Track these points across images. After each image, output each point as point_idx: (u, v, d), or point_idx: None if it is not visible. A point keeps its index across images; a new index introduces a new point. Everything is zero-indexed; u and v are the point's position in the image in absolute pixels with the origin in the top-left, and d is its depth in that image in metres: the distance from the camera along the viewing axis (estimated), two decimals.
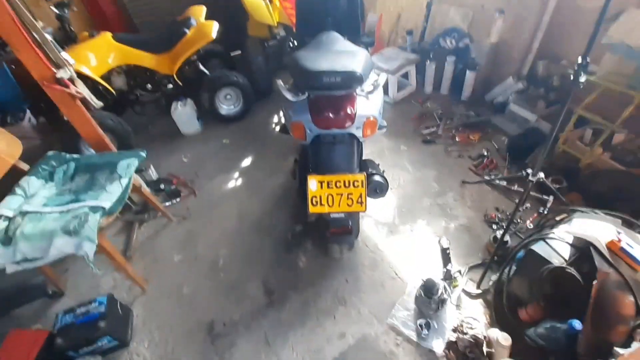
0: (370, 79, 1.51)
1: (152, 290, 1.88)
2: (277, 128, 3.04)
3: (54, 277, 1.85)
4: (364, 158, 1.85)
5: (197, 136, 3.05)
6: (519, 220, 2.04)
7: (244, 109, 3.09)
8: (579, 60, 1.19)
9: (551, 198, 2.11)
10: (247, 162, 2.73)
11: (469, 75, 2.96)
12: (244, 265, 1.95)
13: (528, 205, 2.10)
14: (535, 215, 2.06)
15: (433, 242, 1.97)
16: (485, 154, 2.50)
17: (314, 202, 1.39)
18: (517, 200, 2.11)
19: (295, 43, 2.88)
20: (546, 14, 2.56)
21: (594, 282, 1.24)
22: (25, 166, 1.77)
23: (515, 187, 2.22)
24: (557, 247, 1.45)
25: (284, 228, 2.13)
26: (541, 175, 1.54)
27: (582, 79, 1.21)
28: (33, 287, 1.85)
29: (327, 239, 1.62)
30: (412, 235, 2.03)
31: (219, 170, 2.64)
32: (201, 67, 2.94)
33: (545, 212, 2.05)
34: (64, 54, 1.75)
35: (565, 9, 2.48)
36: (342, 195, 1.39)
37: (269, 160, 2.70)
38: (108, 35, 2.54)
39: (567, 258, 1.39)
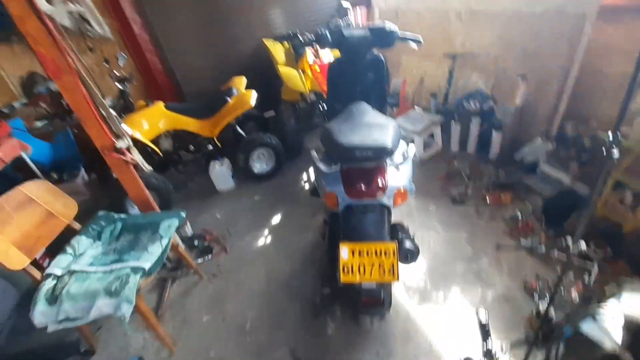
0: (400, 148, 1.58)
1: (180, 352, 1.87)
2: (307, 188, 3.16)
3: (88, 335, 1.90)
4: (393, 221, 1.86)
5: (230, 193, 3.22)
6: (562, 290, 1.90)
7: (275, 168, 3.27)
8: (610, 135, 1.21)
9: (596, 266, 1.97)
10: (276, 219, 2.81)
11: (495, 136, 3.00)
12: (271, 330, 1.91)
13: (571, 274, 1.97)
14: (580, 285, 1.92)
15: (469, 312, 1.86)
16: (520, 216, 2.43)
17: (346, 271, 1.40)
18: (558, 268, 2.00)
19: (325, 107, 3.09)
20: (570, 78, 2.62)
21: None
22: (77, 225, 1.92)
23: (556, 254, 2.10)
24: (608, 327, 1.33)
25: (312, 290, 2.10)
26: (582, 245, 1.48)
27: (616, 154, 1.21)
28: (68, 345, 1.90)
29: (358, 309, 1.58)
30: (446, 304, 1.93)
31: (249, 227, 2.73)
32: (239, 129, 3.20)
33: (590, 283, 1.91)
34: (124, 126, 1.99)
35: (589, 74, 2.53)
36: (373, 264, 1.39)
37: (298, 217, 2.76)
38: (161, 104, 2.87)
39: (619, 341, 1.27)
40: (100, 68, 3.51)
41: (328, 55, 3.52)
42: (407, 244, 1.60)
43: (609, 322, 1.34)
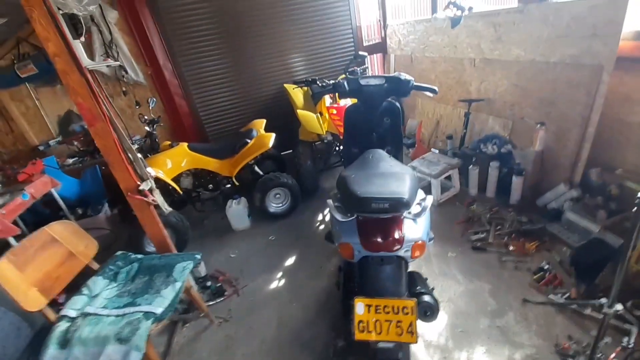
0: (417, 198, 1.57)
1: None
2: (322, 228, 3.13)
3: None
4: (410, 268, 1.79)
5: (246, 232, 3.23)
6: (599, 355, 1.73)
7: (291, 207, 3.28)
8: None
9: (635, 329, 1.80)
10: (290, 261, 2.76)
11: (516, 181, 2.93)
12: None
13: (608, 338, 1.80)
14: (619, 349, 1.74)
15: None
16: (547, 267, 2.30)
17: (361, 328, 1.33)
18: (592, 331, 1.84)
19: (342, 151, 3.13)
20: (590, 126, 2.58)
21: None
22: (95, 265, 1.95)
23: (590, 312, 1.94)
24: None
25: (324, 341, 2.00)
26: (619, 307, 1.37)
27: None
28: None
29: None
30: None
31: (263, 268, 2.69)
32: (257, 169, 3.27)
33: (631, 347, 1.74)
34: (149, 169, 2.07)
35: (610, 122, 2.50)
36: (390, 322, 1.32)
37: (312, 260, 2.71)
38: (184, 145, 3.01)
39: None
40: (132, 110, 3.76)
41: (346, 99, 3.65)
42: (427, 299, 1.53)
43: None
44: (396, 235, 1.36)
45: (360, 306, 1.34)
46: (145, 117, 3.10)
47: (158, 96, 3.81)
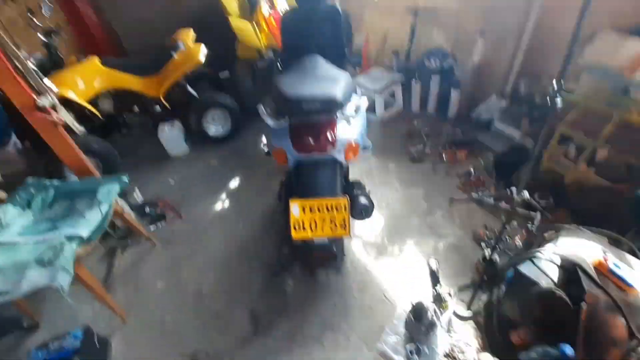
0: (352, 102, 1.52)
1: (133, 320, 1.81)
2: (265, 149, 3.04)
3: (28, 309, 1.78)
4: (351, 179, 1.84)
5: (184, 158, 3.04)
6: (507, 239, 2.02)
7: (232, 130, 3.10)
8: (554, 84, 1.22)
9: (539, 215, 2.10)
10: (234, 183, 2.71)
11: (454, 94, 3.01)
12: (230, 292, 1.89)
13: (515, 222, 2.09)
14: (524, 232, 2.05)
15: (422, 262, 1.94)
16: (472, 171, 2.51)
17: (297, 227, 1.37)
18: (504, 218, 2.11)
19: (280, 62, 2.91)
20: (525, 34, 2.63)
21: (583, 305, 1.22)
22: (2, 194, 1.72)
23: (503, 205, 2.22)
24: (544, 268, 1.43)
25: (271, 252, 2.08)
26: (525, 194, 1.54)
27: (559, 102, 1.24)
28: (7, 321, 1.77)
29: (312, 264, 1.58)
30: (401, 256, 2.00)
31: (206, 193, 2.61)
32: (189, 89, 2.95)
33: (533, 230, 2.05)
34: (47, 81, 1.74)
35: (543, 30, 2.56)
36: (325, 219, 1.37)
37: (257, 181, 2.68)
38: (95, 59, 2.56)
39: (555, 279, 1.37)
40: (25, 21, 3.03)
41: (283, 5, 3.28)
42: (362, 200, 1.59)
43: (545, 263, 1.44)
44: (328, 137, 1.34)
45: (295, 207, 1.36)
46: (39, 24, 2.52)
47: (55, 2, 3.08)
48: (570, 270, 1.36)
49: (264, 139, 3.18)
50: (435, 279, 1.83)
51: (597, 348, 1.19)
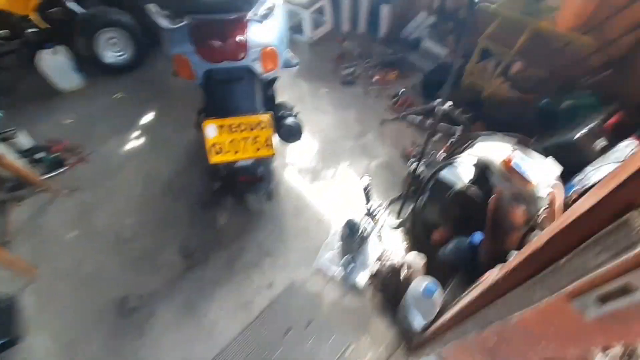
0: (266, 3, 1.30)
1: (45, 274, 1.60)
2: (186, 85, 2.65)
3: None
4: (277, 101, 1.70)
5: (79, 92, 2.52)
6: (431, 152, 2.13)
7: (136, 57, 2.60)
8: None
9: (459, 128, 2.23)
10: (149, 118, 2.37)
11: (384, 10, 2.86)
12: (156, 232, 1.75)
13: (440, 135, 2.19)
14: (446, 146, 2.17)
15: (356, 182, 1.98)
16: (403, 91, 2.52)
17: (216, 151, 1.23)
18: (433, 138, 2.21)
19: None
20: None
21: (491, 199, 1.34)
22: None
23: (430, 121, 2.29)
24: (461, 172, 1.53)
25: (199, 187, 1.93)
26: (449, 103, 1.57)
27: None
28: None
29: (238, 190, 1.49)
30: (335, 178, 2.01)
31: (113, 131, 2.25)
32: (69, 3, 2.33)
33: (454, 142, 2.18)
34: None
35: None
36: (247, 139, 1.25)
37: (176, 114, 2.37)
38: None
39: (470, 180, 1.49)
40: None
41: None
42: (289, 120, 1.48)
43: (461, 168, 1.54)
44: (238, 39, 1.14)
45: (211, 129, 1.20)
46: None
47: None
48: (482, 169, 1.48)
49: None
50: (368, 195, 1.88)
51: (500, 234, 1.35)
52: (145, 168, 2.04)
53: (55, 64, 2.33)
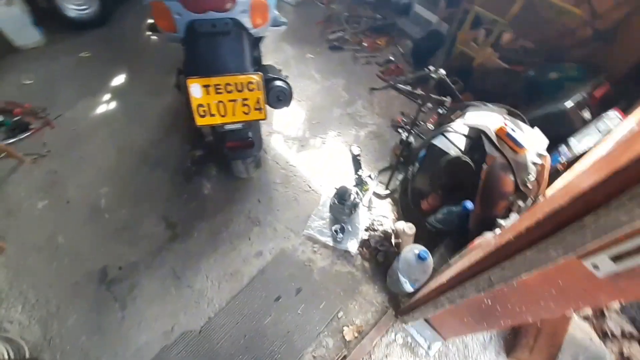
0: None
1: (14, 247, 1.48)
2: (160, 42, 2.43)
3: None
4: (264, 64, 1.58)
5: (39, 50, 2.26)
6: (421, 123, 2.10)
7: (102, 10, 2.34)
8: None
9: (449, 98, 2.20)
10: (119, 80, 2.17)
11: None
12: (135, 203, 1.65)
13: (430, 106, 2.16)
14: (436, 116, 2.15)
15: (344, 151, 1.93)
16: (392, 59, 2.44)
17: (202, 113, 1.13)
18: (420, 102, 2.17)
19: None
20: None
21: (484, 166, 1.35)
22: None
23: (419, 91, 2.25)
24: (454, 140, 1.52)
25: (179, 155, 1.82)
26: (442, 72, 1.53)
27: None
28: None
29: (227, 157, 1.41)
30: (323, 147, 1.95)
31: (80, 94, 2.05)
32: None
33: (444, 112, 2.15)
34: None
35: None
36: (236, 101, 1.16)
37: (150, 76, 2.19)
38: None
39: (462, 149, 1.48)
40: None
41: None
42: (278, 83, 1.38)
43: (455, 136, 1.52)
44: None
45: (195, 88, 1.10)
46: None
47: None
48: (475, 137, 1.47)
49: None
50: (357, 164, 1.85)
51: (491, 201, 1.36)
52: (118, 135, 1.90)
53: (10, 17, 2.06)
